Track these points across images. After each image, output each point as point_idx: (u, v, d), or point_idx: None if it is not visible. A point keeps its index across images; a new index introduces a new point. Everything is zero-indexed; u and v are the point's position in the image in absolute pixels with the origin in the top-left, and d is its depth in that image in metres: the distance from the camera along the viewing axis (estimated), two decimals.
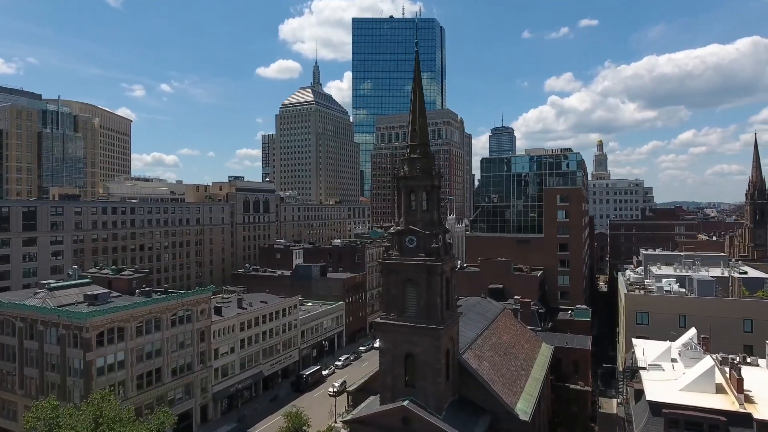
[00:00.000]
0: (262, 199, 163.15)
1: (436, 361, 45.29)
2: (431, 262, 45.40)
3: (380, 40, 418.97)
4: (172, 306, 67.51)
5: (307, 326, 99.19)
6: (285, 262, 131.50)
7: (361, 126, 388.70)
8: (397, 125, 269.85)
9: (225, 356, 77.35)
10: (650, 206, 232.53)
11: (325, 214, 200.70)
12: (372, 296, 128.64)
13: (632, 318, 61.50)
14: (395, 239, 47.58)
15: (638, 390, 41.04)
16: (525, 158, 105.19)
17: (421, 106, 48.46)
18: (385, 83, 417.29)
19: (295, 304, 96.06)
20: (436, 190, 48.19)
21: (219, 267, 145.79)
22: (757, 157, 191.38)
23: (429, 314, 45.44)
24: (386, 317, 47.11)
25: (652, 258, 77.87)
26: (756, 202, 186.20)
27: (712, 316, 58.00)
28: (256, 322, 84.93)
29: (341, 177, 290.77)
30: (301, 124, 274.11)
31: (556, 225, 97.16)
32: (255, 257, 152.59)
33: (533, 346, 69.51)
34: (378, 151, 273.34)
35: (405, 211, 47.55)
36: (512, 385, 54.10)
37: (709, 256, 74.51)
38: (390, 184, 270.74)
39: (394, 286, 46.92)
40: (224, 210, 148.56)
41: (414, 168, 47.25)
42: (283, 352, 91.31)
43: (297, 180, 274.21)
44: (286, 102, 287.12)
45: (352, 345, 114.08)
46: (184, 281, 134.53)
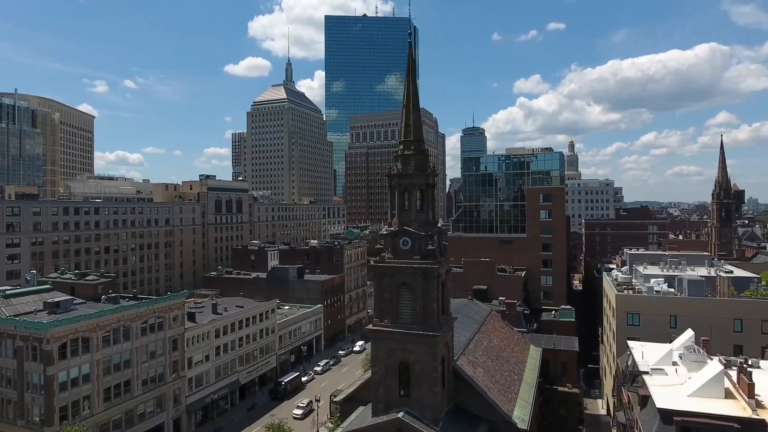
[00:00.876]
0: (235, 198, 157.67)
1: (433, 370, 42.78)
2: (427, 265, 42.85)
3: (353, 39, 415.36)
4: (143, 313, 62.91)
5: (284, 331, 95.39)
6: (260, 264, 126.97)
7: (334, 125, 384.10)
8: (372, 124, 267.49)
9: (199, 365, 72.98)
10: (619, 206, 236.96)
11: (299, 214, 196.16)
12: (350, 298, 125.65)
13: (623, 319, 60.63)
14: (388, 241, 44.83)
15: (644, 396, 39.54)
16: (507, 157, 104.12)
17: (415, 100, 45.85)
18: (357, 82, 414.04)
19: (272, 308, 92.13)
20: (431, 188, 45.72)
21: (190, 270, 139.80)
22: (723, 158, 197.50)
23: (425, 320, 42.88)
24: (379, 324, 44.33)
25: (637, 258, 77.66)
26: (722, 201, 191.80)
27: (702, 316, 57.56)
28: (232, 327, 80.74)
29: (314, 176, 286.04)
30: (274, 122, 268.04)
31: (539, 225, 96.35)
32: (228, 259, 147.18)
33: (522, 349, 67.98)
34: (353, 150, 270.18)
35: (398, 210, 44.84)
36: (507, 392, 52.16)
37: (693, 256, 74.84)
38: (365, 183, 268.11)
39: (387, 291, 44.18)
40: (195, 210, 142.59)
41: (408, 165, 44.60)
42: (261, 358, 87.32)
43: (269, 179, 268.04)
44: (258, 99, 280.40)
45: (331, 349, 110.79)
46: (153, 285, 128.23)
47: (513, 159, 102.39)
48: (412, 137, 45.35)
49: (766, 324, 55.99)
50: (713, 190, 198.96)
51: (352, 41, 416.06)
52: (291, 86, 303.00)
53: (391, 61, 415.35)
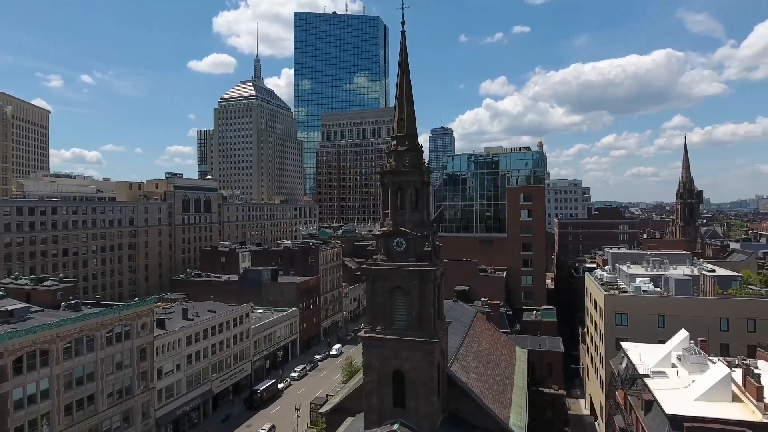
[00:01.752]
0: (204, 197, 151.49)
1: (429, 378, 40.43)
2: (424, 267, 40.48)
3: (323, 37, 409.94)
4: (108, 321, 58.11)
5: (259, 336, 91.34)
6: (231, 266, 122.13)
7: (302, 124, 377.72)
8: (344, 122, 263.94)
9: (170, 375, 68.42)
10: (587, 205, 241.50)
11: (270, 214, 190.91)
12: (326, 300, 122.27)
13: (611, 319, 59.98)
14: (381, 242, 42.20)
15: (648, 400, 38.32)
16: (486, 156, 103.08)
17: (409, 93, 43.36)
18: (326, 81, 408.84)
19: (246, 313, 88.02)
20: (426, 186, 43.39)
21: (156, 272, 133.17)
22: (686, 159, 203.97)
23: (421, 326, 40.49)
24: (371, 330, 41.64)
25: (619, 257, 77.68)
26: (686, 201, 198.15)
27: (689, 315, 57.37)
28: (205, 334, 76.38)
29: (284, 175, 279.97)
30: (242, 120, 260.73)
31: (520, 224, 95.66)
32: (196, 261, 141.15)
33: (510, 351, 66.64)
34: (324, 149, 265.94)
35: (392, 210, 42.28)
36: (501, 397, 50.44)
37: (675, 255, 75.38)
38: (336, 183, 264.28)
39: (380, 295, 41.54)
40: (161, 210, 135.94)
41: (402, 162, 42.10)
42: (235, 365, 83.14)
43: (237, 178, 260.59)
44: (225, 96, 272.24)
45: (307, 353, 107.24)
46: (116, 289, 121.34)
47: (493, 158, 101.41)
48: (406, 132, 42.89)
49: (752, 322, 56.27)
50: (677, 190, 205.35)
51: (321, 39, 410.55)
52: (260, 83, 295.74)
53: (360, 60, 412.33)
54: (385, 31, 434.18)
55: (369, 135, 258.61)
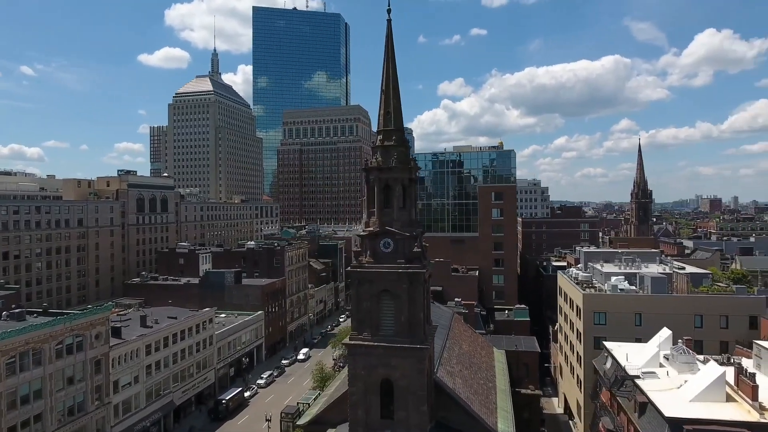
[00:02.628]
0: (160, 196, 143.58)
1: (420, 387, 38.26)
2: (414, 270, 38.24)
3: (282, 33, 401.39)
4: (58, 332, 52.70)
5: (223, 342, 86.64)
6: (190, 269, 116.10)
7: (260, 122, 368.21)
8: (307, 120, 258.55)
9: (127, 388, 63.22)
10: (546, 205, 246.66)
11: (230, 214, 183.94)
12: (292, 303, 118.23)
13: (590, 319, 59.83)
14: (367, 243, 39.65)
15: (642, 402, 37.57)
16: (456, 155, 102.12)
17: (395, 84, 41.03)
18: (285, 78, 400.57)
19: (210, 318, 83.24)
20: (414, 183, 41.16)
21: (107, 276, 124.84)
22: (640, 160, 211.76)
23: (411, 331, 38.23)
24: (357, 337, 39.01)
25: (591, 256, 78.25)
26: (640, 201, 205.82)
27: (665, 313, 57.87)
28: (165, 342, 71.32)
29: (243, 174, 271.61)
30: (199, 116, 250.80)
31: (491, 223, 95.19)
32: (152, 263, 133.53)
33: (488, 353, 65.52)
34: (285, 147, 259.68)
35: (378, 209, 39.79)
36: (487, 402, 48.93)
37: (645, 253, 76.64)
38: (298, 182, 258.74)
39: (366, 300, 38.97)
40: (114, 209, 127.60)
41: (389, 158, 39.67)
42: (197, 374, 78.29)
43: (193, 176, 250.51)
44: (181, 91, 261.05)
45: (273, 359, 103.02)
46: (63, 295, 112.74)
47: (464, 157, 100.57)
48: (393, 126, 40.52)
49: (724, 319, 57.37)
50: (632, 190, 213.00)
51: (280, 35, 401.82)
52: (218, 78, 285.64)
53: (320, 58, 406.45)
54: (346, 28, 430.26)
55: (332, 133, 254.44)
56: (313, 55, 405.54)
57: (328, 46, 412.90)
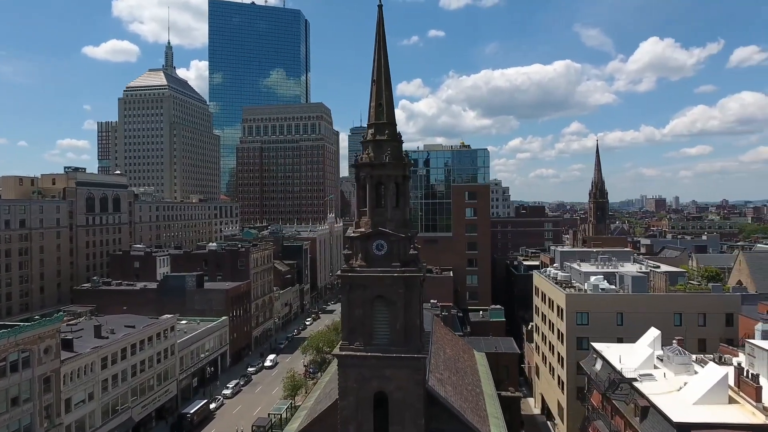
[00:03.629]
0: (112, 195, 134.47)
1: (416, 399, 35.78)
2: (410, 273, 35.68)
3: (239, 28, 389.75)
4: (1, 348, 46.77)
5: (186, 351, 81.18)
6: (147, 273, 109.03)
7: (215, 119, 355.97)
8: (267, 117, 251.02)
9: (81, 406, 57.44)
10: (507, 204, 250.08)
11: (187, 214, 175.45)
12: (257, 307, 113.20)
13: (573, 319, 59.18)
14: (358, 245, 36.71)
15: (644, 407, 36.51)
16: (431, 153, 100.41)
17: (387, 75, 38.29)
18: (243, 75, 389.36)
19: (171, 326, 77.69)
20: (407, 181, 38.65)
21: (53, 282, 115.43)
22: (598, 161, 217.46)
23: (407, 340, 35.65)
24: (348, 347, 36.04)
25: (567, 255, 78.25)
26: (598, 200, 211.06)
27: (646, 312, 57.95)
28: (123, 354, 65.60)
29: (200, 172, 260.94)
30: (152, 111, 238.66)
31: (465, 223, 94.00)
32: (104, 267, 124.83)
33: (470, 356, 63.82)
34: (245, 144, 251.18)
35: (370, 208, 36.97)
36: (477, 409, 46.95)
37: (620, 252, 77.38)
38: (258, 181, 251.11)
39: (358, 306, 36.07)
40: (60, 209, 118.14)
41: (382, 153, 36.90)
42: (158, 387, 72.72)
43: (146, 175, 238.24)
44: (132, 84, 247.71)
45: (239, 366, 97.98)
46: (3, 303, 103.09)
47: (437, 155, 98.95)
48: (385, 119, 37.76)
49: (702, 317, 58.02)
50: (590, 189, 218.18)
51: (238, 31, 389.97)
52: (172, 72, 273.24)
53: (278, 55, 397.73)
54: (306, 25, 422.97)
55: (294, 131, 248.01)
56: (271, 51, 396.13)
57: (288, 43, 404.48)
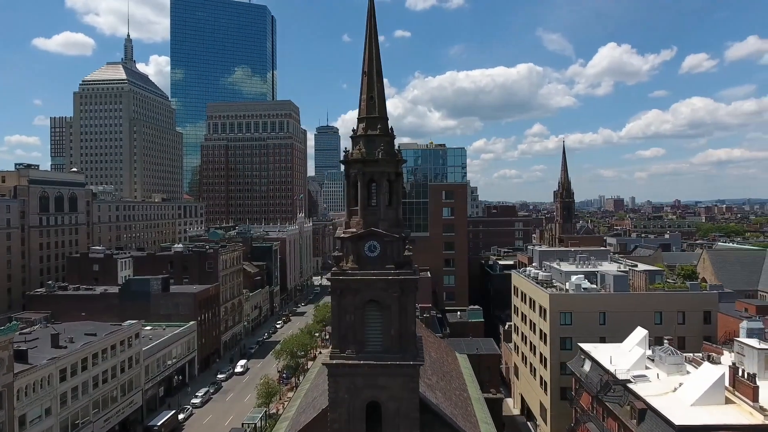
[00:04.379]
0: (68, 194, 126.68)
1: (412, 409, 33.89)
2: (405, 276, 33.75)
3: (203, 23, 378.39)
4: None
5: (152, 359, 76.73)
6: (107, 276, 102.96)
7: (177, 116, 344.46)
8: (233, 114, 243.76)
9: (37, 423, 52.87)
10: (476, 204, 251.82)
11: (150, 214, 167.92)
12: (226, 311, 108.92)
13: (557, 319, 58.72)
14: (349, 246, 34.49)
15: (641, 409, 35.85)
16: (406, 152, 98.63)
17: (378, 66, 36.28)
18: (206, 71, 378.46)
19: (136, 333, 73.20)
20: (400, 179, 36.68)
21: (3, 287, 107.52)
22: (564, 162, 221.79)
23: (402, 346, 33.70)
24: (339, 355, 33.77)
25: (546, 255, 78.16)
26: (564, 200, 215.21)
27: (627, 311, 58.14)
28: (84, 365, 61.02)
29: (162, 171, 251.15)
30: (110, 106, 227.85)
31: (442, 223, 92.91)
32: (59, 271, 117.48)
33: (453, 359, 62.49)
34: (210, 142, 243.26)
35: (362, 207, 34.81)
36: (467, 415, 45.54)
37: (596, 251, 77.89)
38: (224, 180, 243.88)
39: (350, 312, 33.85)
40: (11, 209, 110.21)
41: (375, 149, 34.80)
42: (122, 399, 68.25)
43: (104, 173, 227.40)
44: (89, 78, 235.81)
45: (207, 373, 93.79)
46: None
47: (413, 154, 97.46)
48: (377, 113, 35.68)
49: (681, 315, 58.64)
50: (557, 190, 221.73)
51: (202, 25, 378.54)
52: (132, 66, 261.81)
53: (244, 51, 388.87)
54: (273, 21, 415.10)
55: (261, 129, 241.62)
56: (236, 48, 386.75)
57: (253, 39, 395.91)
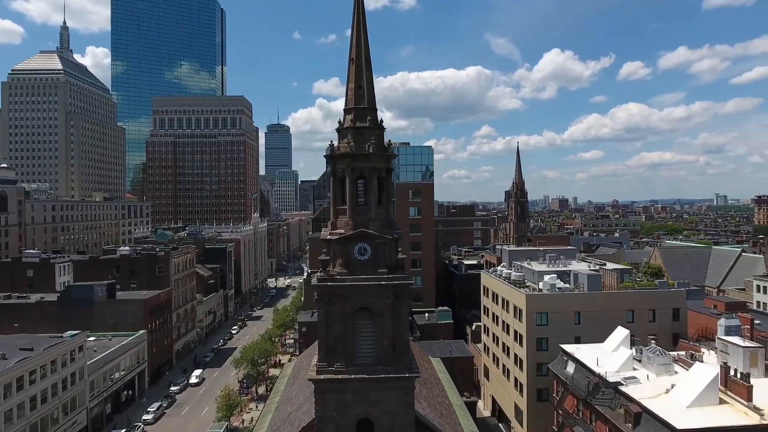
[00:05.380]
0: None
1: (407, 424, 31.28)
2: (400, 281, 31.05)
3: (146, 14, 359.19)
4: None
5: (97, 373, 70.01)
6: (43, 282, 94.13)
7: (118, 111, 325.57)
8: (182, 109, 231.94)
9: None
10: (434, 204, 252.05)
11: (90, 214, 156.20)
12: (178, 317, 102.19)
13: (533, 320, 57.88)
14: (337, 249, 31.39)
15: (637, 413, 34.95)
16: None
17: (367, 53, 33.31)
18: (150, 64, 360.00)
19: (79, 345, 66.42)
20: (390, 175, 33.89)
21: None
22: (518, 162, 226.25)
23: (396, 357, 30.97)
24: (327, 370, 30.60)
25: (515, 254, 77.73)
26: (518, 200, 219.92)
27: (601, 310, 58.18)
28: (19, 384, 54.29)
29: (102, 168, 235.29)
30: (44, 98, 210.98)
31: (408, 222, 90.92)
32: None
33: (429, 363, 60.32)
34: (157, 138, 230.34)
35: (351, 206, 31.77)
36: (454, 424, 43.43)
37: (565, 250, 78.23)
38: (172, 178, 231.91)
39: (339, 321, 30.77)
40: None
41: (364, 142, 31.88)
42: (64, 419, 61.59)
43: (37, 170, 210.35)
44: (20, 67, 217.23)
45: (159, 385, 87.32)
46: None
47: None
48: (366, 104, 32.77)
49: (651, 313, 59.34)
50: (512, 189, 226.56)
51: (145, 16, 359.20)
52: (68, 56, 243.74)
53: (191, 45, 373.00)
54: (223, 15, 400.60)
55: (212, 125, 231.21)
56: (183, 41, 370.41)
57: (202, 33, 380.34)
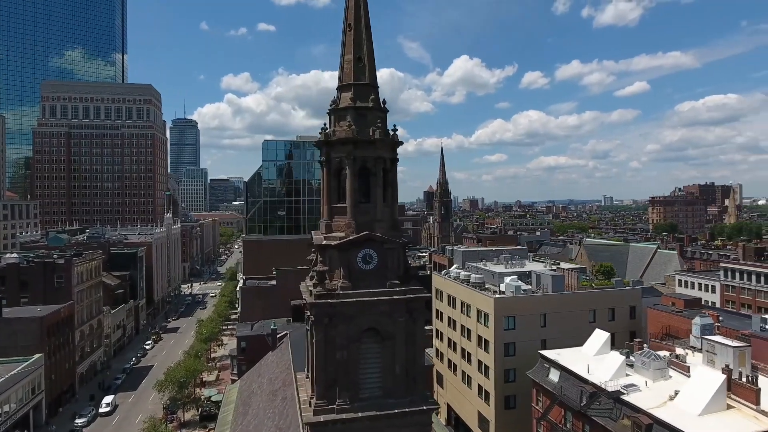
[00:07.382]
0: None
1: None
2: (415, 294, 25.70)
3: None
4: None
5: None
6: None
7: None
8: (77, 96, 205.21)
9: None
10: None
11: None
12: (83, 335, 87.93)
13: (500, 325, 55.13)
14: (337, 257, 25.36)
15: (648, 424, 32.69)
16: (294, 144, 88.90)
17: (367, 17, 27.56)
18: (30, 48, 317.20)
19: None
20: (395, 166, 28.38)
21: None
22: (443, 164, 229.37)
23: (411, 387, 25.62)
24: (327, 408, 24.47)
25: (469, 255, 75.15)
26: (442, 200, 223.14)
27: (565, 311, 57.07)
28: None
29: None
30: None
31: None
32: None
33: None
34: (46, 128, 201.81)
35: (351, 204, 25.86)
36: None
37: (517, 250, 77.06)
38: (65, 174, 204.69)
39: (342, 347, 24.77)
40: None
41: (366, 126, 26.20)
42: None
43: None
44: None
45: (61, 418, 73.72)
46: None
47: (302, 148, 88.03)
48: (367, 80, 27.08)
49: (611, 312, 59.33)
50: (437, 190, 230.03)
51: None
52: None
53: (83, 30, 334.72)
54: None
55: (114, 115, 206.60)
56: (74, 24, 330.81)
57: (97, 16, 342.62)
